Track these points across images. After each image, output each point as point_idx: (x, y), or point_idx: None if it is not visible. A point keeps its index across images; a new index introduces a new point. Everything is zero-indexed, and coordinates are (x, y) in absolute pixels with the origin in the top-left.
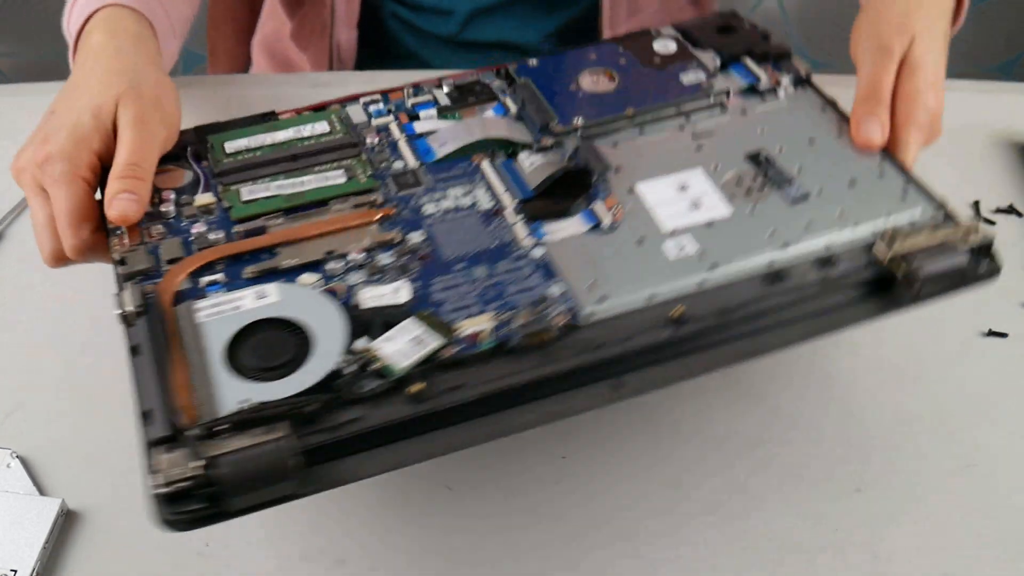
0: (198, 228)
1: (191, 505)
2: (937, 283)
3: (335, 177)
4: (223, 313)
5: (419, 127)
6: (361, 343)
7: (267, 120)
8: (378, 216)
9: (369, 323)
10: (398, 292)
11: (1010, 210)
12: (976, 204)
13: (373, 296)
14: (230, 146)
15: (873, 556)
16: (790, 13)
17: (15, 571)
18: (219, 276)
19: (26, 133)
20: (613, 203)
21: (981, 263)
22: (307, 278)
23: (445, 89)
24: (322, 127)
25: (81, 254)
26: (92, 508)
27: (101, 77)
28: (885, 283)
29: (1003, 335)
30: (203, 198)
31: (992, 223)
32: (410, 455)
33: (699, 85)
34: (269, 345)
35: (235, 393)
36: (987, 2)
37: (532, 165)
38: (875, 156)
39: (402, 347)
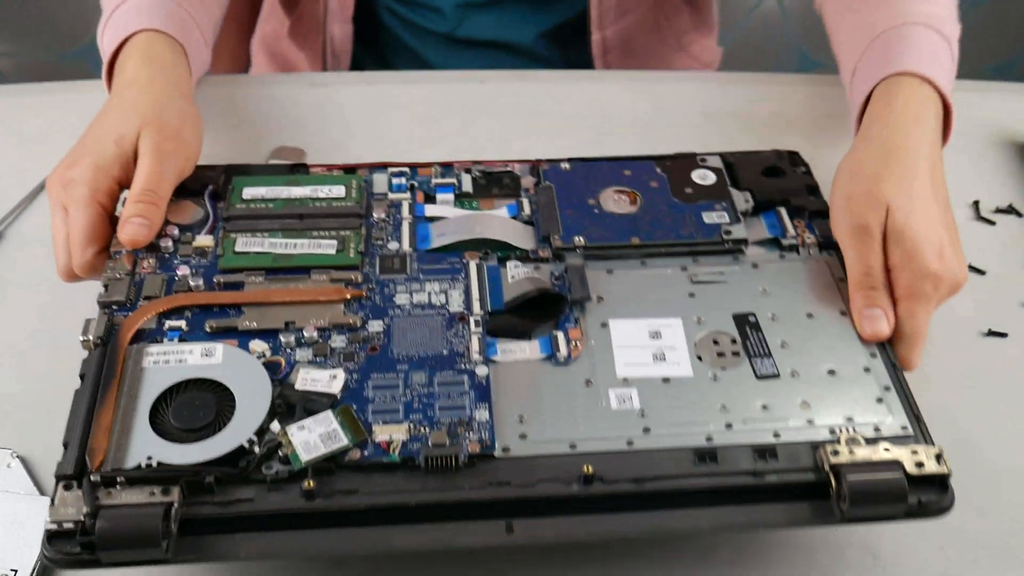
0: (183, 270)
1: (70, 548)
2: (869, 507)
3: (326, 246)
4: (168, 363)
5: (430, 210)
6: (276, 425)
7: (295, 172)
8: (347, 296)
9: (294, 406)
10: (333, 380)
11: (1010, 210)
12: (976, 204)
13: (309, 379)
14: (248, 192)
15: (873, 556)
16: (790, 13)
17: (15, 571)
18: (182, 323)
19: (27, 133)
20: (577, 335)
21: (928, 495)
22: (257, 345)
23: (474, 174)
24: (339, 191)
25: (86, 272)
26: None
27: (128, 106)
28: (820, 490)
29: (1003, 335)
30: (203, 240)
31: (992, 223)
32: (289, 547)
33: (718, 227)
34: (193, 407)
35: (146, 447)
36: (987, 2)
37: (514, 278)
38: (871, 346)
39: (312, 439)
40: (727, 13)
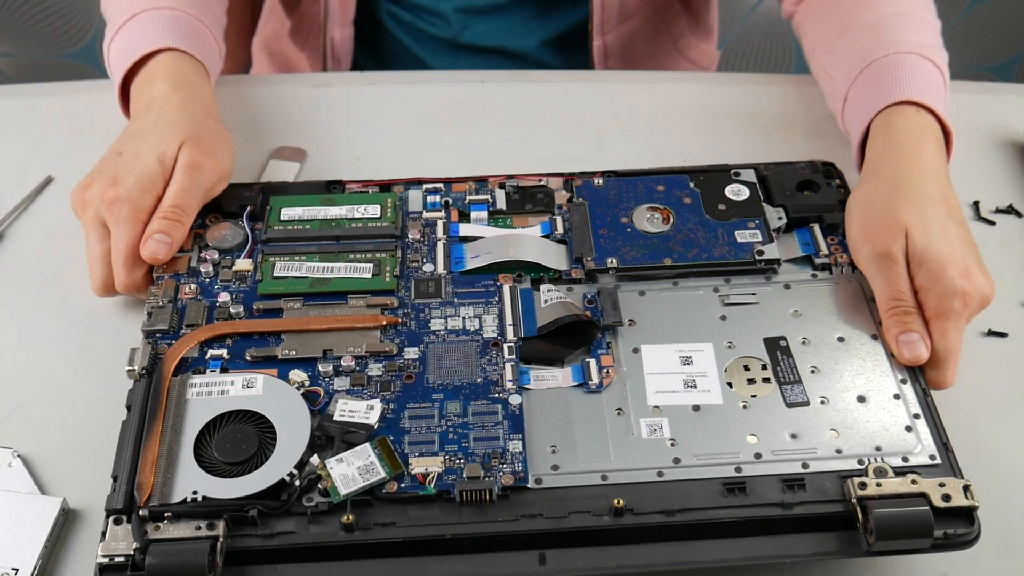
0: (223, 297)
1: None
2: (896, 540)
3: (362, 270)
4: (210, 395)
5: (464, 230)
6: (315, 459)
7: (332, 189)
8: (383, 323)
9: (333, 438)
10: (371, 411)
11: (1010, 210)
12: (976, 204)
13: (347, 410)
14: (286, 213)
15: (874, 556)
16: None
17: (16, 569)
18: (224, 352)
19: (27, 133)
20: (609, 362)
21: (955, 527)
22: (296, 375)
23: (507, 189)
24: (374, 211)
25: (129, 290)
26: (92, 507)
27: (168, 125)
28: (848, 522)
29: (1003, 335)
30: (242, 264)
31: (992, 223)
32: None
33: (751, 246)
34: (235, 440)
35: (191, 482)
36: (987, 2)
37: (547, 302)
38: (902, 371)
39: (351, 472)
40: (727, 13)
